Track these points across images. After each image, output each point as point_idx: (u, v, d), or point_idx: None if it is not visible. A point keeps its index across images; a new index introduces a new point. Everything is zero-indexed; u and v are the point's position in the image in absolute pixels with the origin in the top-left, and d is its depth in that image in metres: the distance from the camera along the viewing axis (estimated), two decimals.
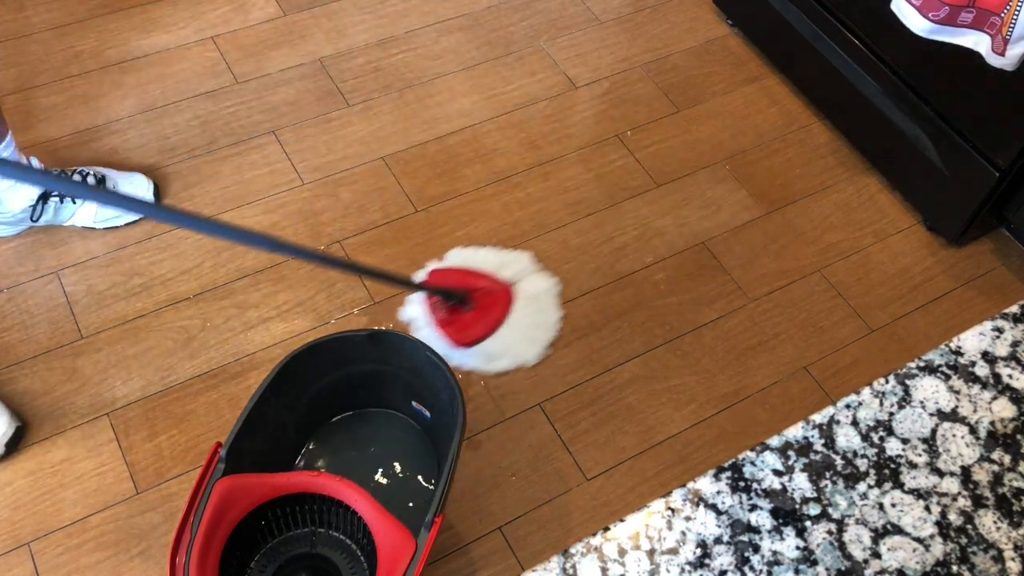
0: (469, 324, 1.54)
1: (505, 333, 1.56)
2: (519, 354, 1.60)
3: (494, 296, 1.57)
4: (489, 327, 1.55)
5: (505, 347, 1.58)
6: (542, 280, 1.69)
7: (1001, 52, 1.41)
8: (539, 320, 1.63)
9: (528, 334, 1.61)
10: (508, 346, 1.58)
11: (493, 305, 1.57)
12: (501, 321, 1.55)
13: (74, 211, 1.68)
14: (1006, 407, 0.69)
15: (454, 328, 1.54)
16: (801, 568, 0.61)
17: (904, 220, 1.86)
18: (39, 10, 2.06)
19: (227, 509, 1.14)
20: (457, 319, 1.55)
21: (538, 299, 1.65)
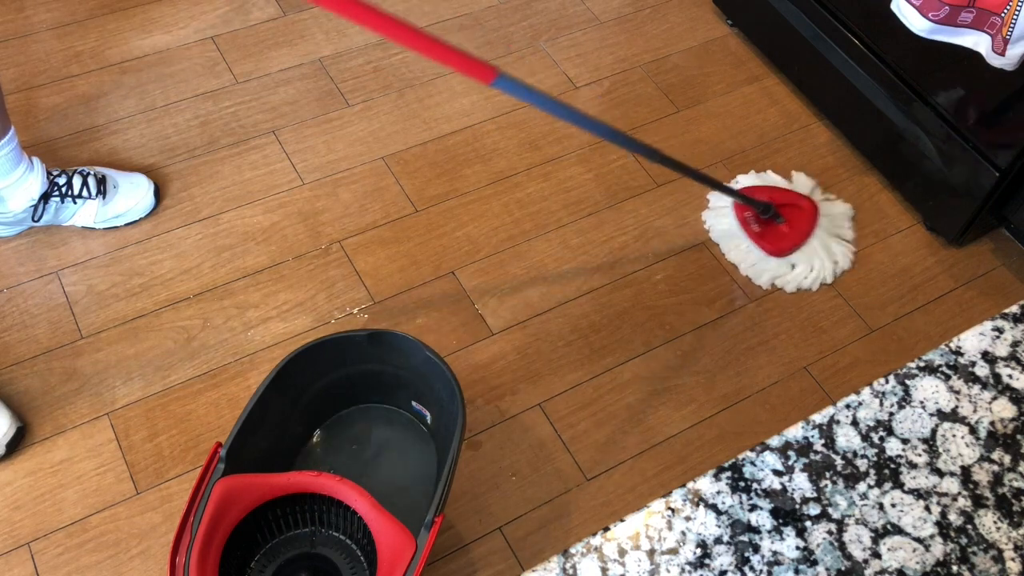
0: (782, 235, 1.71)
1: (812, 247, 1.72)
2: (821, 270, 1.72)
3: (801, 210, 1.74)
4: (800, 238, 1.71)
5: (809, 261, 1.72)
6: (839, 204, 1.83)
7: (1001, 52, 1.41)
8: (843, 238, 1.77)
9: (830, 251, 1.74)
10: (811, 261, 1.72)
11: (801, 218, 1.73)
12: (810, 232, 1.71)
13: (75, 211, 1.68)
14: (1006, 407, 0.69)
15: (769, 239, 1.71)
16: (801, 568, 0.61)
17: (904, 220, 1.86)
18: (39, 10, 2.06)
19: (227, 509, 1.14)
20: (770, 230, 1.71)
21: (837, 219, 1.79)
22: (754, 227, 1.72)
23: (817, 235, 1.73)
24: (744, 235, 1.73)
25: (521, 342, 1.64)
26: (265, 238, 1.74)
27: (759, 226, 1.72)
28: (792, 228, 1.72)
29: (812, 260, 1.71)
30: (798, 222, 1.73)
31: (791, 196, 1.76)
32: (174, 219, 1.76)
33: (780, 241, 1.71)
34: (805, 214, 1.74)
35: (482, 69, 1.10)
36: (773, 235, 1.72)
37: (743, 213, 1.73)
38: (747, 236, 1.73)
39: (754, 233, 1.71)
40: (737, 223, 1.74)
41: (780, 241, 1.71)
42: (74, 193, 1.66)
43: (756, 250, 1.72)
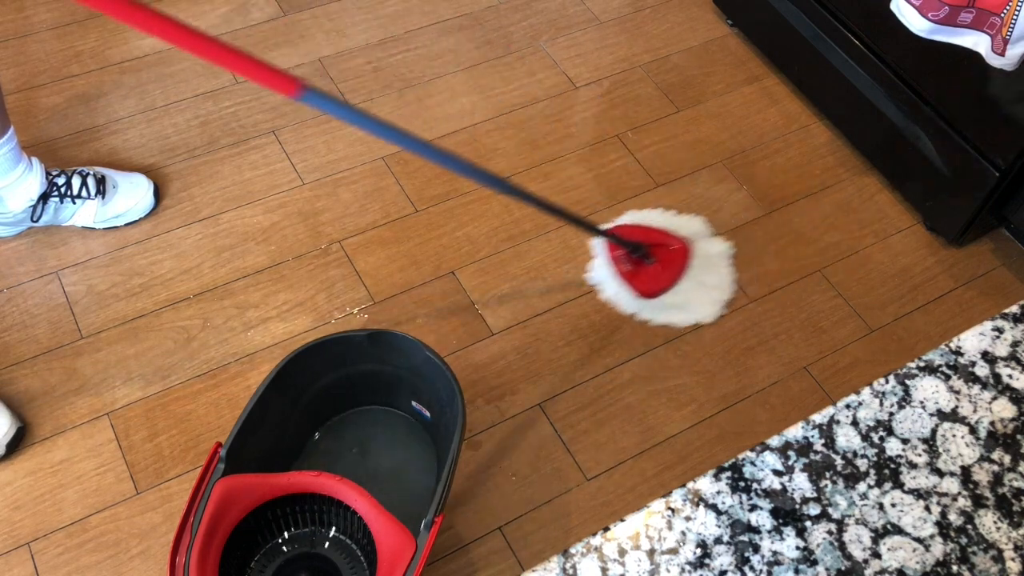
0: (653, 276, 1.65)
1: (685, 289, 1.66)
2: (698, 311, 1.68)
3: (674, 252, 1.68)
4: (671, 280, 1.66)
5: (685, 302, 1.67)
6: (717, 243, 1.77)
7: (1001, 52, 1.41)
8: (716, 280, 1.72)
9: (707, 293, 1.69)
10: (688, 302, 1.67)
11: (674, 260, 1.67)
12: (682, 275, 1.66)
13: (74, 211, 1.68)
14: (1006, 407, 0.69)
15: (638, 279, 1.65)
16: (801, 568, 0.61)
17: (904, 220, 1.86)
18: (39, 10, 2.06)
19: (227, 509, 1.14)
20: (641, 271, 1.66)
21: (713, 260, 1.74)
22: (624, 266, 1.66)
23: (690, 277, 1.67)
24: (614, 274, 1.67)
25: (521, 342, 1.64)
26: (265, 238, 1.74)
27: (630, 265, 1.66)
28: (664, 269, 1.66)
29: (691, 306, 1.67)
30: (671, 263, 1.67)
31: (666, 237, 1.70)
32: (174, 219, 1.76)
33: (649, 281, 1.65)
34: (678, 255, 1.68)
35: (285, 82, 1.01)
36: (643, 275, 1.65)
37: (614, 252, 1.67)
38: (617, 275, 1.66)
39: (624, 272, 1.66)
40: (608, 261, 1.68)
41: (649, 281, 1.65)
42: (73, 193, 1.66)
43: (626, 290, 1.66)
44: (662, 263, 1.66)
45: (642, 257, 1.65)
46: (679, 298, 1.66)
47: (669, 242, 1.69)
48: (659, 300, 1.65)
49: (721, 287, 1.71)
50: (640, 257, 1.64)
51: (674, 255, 1.68)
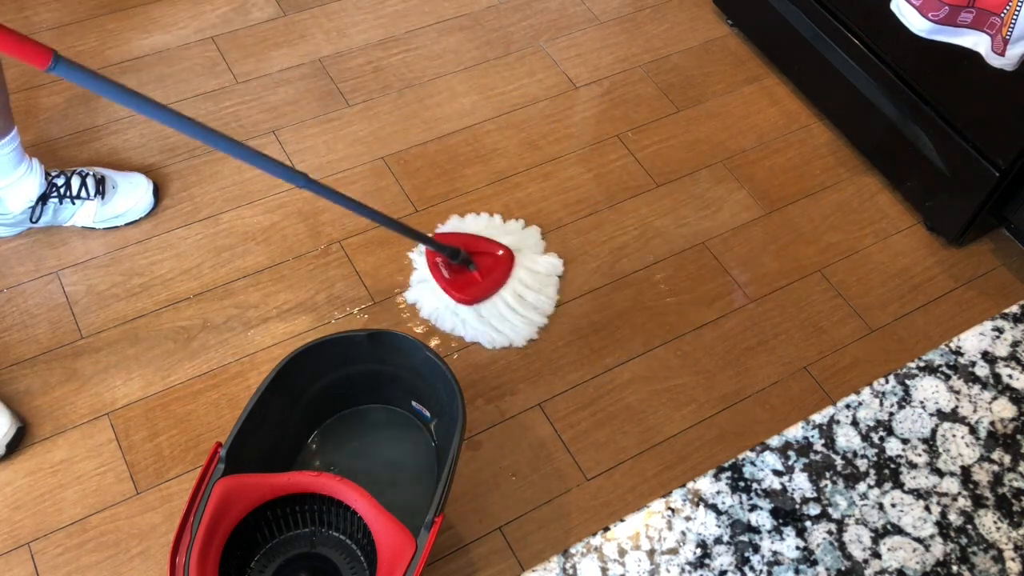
0: (471, 282, 1.63)
1: (504, 307, 1.63)
2: (512, 333, 1.63)
3: (496, 260, 1.66)
4: (490, 287, 1.63)
5: (502, 322, 1.63)
6: (549, 259, 1.72)
7: (1001, 52, 1.41)
8: (535, 300, 1.66)
9: (527, 314, 1.65)
10: (505, 322, 1.63)
11: (494, 268, 1.65)
12: (501, 284, 1.64)
13: (74, 211, 1.68)
14: (1006, 407, 0.69)
15: (456, 286, 1.62)
16: (801, 568, 0.61)
17: (904, 220, 1.86)
18: (39, 10, 2.06)
19: (227, 509, 1.14)
20: (459, 277, 1.63)
21: (540, 278, 1.69)
22: (444, 273, 1.63)
23: (510, 286, 1.65)
24: (433, 280, 1.64)
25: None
26: (265, 238, 1.74)
27: (449, 272, 1.63)
28: (484, 277, 1.63)
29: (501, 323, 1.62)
30: (491, 271, 1.64)
31: (489, 245, 1.67)
32: (174, 219, 1.76)
33: (466, 288, 1.62)
34: (500, 263, 1.65)
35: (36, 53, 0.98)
36: (461, 281, 1.63)
37: (434, 258, 1.64)
38: (436, 281, 1.63)
39: (443, 279, 1.62)
40: (427, 268, 1.65)
41: (466, 288, 1.62)
42: (73, 194, 1.66)
43: (444, 296, 1.63)
44: (482, 270, 1.64)
45: (463, 263, 1.62)
46: (496, 317, 1.62)
47: (491, 249, 1.66)
48: (479, 317, 1.62)
49: (541, 309, 1.66)
50: (460, 264, 1.62)
51: (495, 262, 1.65)
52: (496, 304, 1.64)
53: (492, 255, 1.67)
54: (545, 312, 1.66)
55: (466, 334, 1.63)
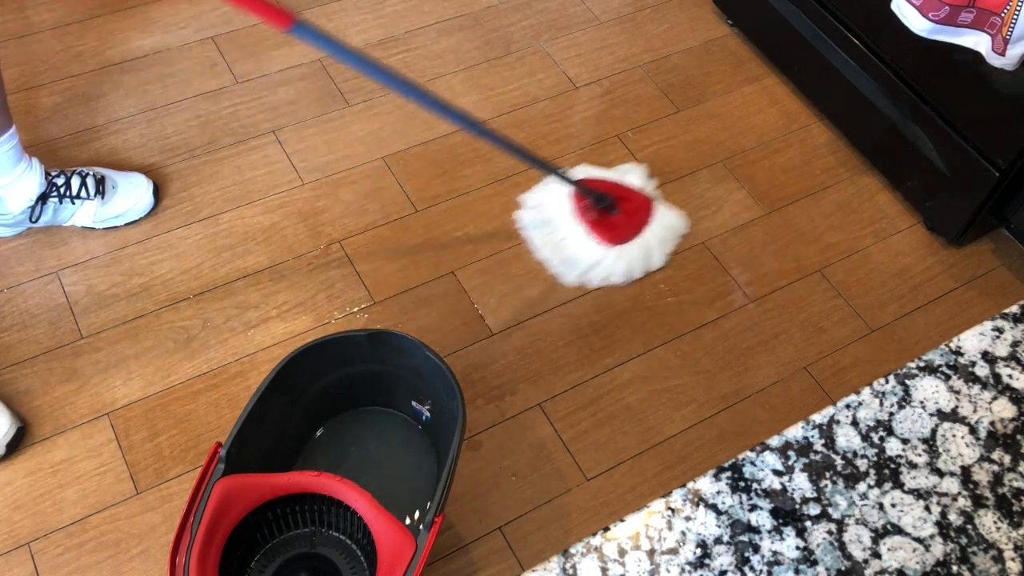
0: (617, 226, 1.71)
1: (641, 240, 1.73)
2: (649, 261, 1.74)
3: (637, 204, 1.75)
4: (636, 229, 1.72)
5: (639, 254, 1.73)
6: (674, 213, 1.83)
7: (1001, 52, 1.41)
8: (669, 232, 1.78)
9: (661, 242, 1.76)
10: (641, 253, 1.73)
11: (637, 211, 1.74)
12: (646, 225, 1.73)
13: (74, 211, 1.68)
14: (1006, 407, 0.69)
15: (603, 228, 1.70)
16: (801, 568, 0.61)
17: (904, 220, 1.86)
18: (39, 10, 2.06)
19: (227, 509, 1.14)
20: (606, 220, 1.71)
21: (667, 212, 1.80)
22: (590, 215, 1.70)
23: (646, 234, 1.74)
24: (577, 218, 1.71)
25: (521, 342, 1.64)
26: (265, 238, 1.74)
27: (595, 215, 1.71)
28: (627, 220, 1.72)
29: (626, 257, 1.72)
30: (633, 214, 1.74)
31: (630, 192, 1.76)
32: (174, 219, 1.76)
33: (614, 230, 1.71)
34: (641, 211, 1.75)
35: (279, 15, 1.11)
36: (608, 224, 1.71)
37: (580, 202, 1.72)
38: (581, 219, 1.70)
39: (590, 221, 1.70)
40: (574, 209, 1.72)
41: (614, 230, 1.71)
42: (73, 194, 1.66)
43: (586, 234, 1.70)
44: (627, 214, 1.72)
45: (607, 208, 1.70)
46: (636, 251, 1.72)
47: (632, 195, 1.75)
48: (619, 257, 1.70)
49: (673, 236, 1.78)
50: (605, 208, 1.70)
51: (638, 206, 1.75)
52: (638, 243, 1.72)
53: (633, 200, 1.75)
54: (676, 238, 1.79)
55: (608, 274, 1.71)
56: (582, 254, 1.70)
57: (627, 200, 1.74)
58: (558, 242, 1.72)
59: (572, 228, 1.71)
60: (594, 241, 1.69)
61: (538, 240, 1.74)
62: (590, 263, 1.69)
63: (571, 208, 1.72)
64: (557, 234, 1.72)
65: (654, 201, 1.77)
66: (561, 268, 1.71)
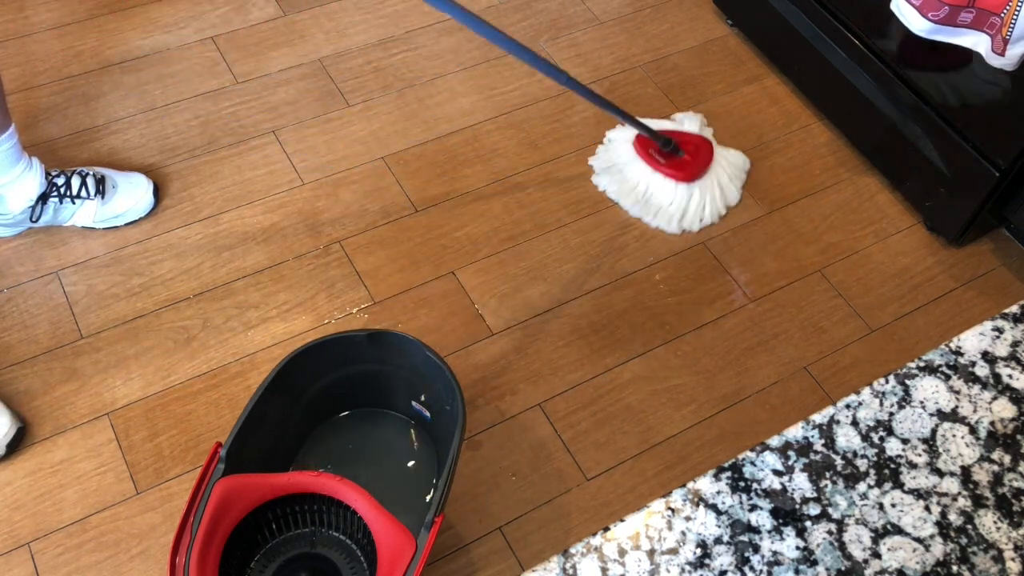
0: (686, 164, 1.82)
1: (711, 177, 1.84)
2: (727, 196, 1.84)
3: (698, 144, 1.86)
4: (703, 165, 1.83)
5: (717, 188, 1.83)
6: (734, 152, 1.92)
7: (1001, 52, 1.41)
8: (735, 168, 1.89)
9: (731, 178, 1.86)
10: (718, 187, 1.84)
11: (699, 150, 1.85)
12: (711, 161, 1.84)
13: (74, 211, 1.68)
14: (1006, 407, 0.69)
15: (673, 167, 1.81)
16: (801, 568, 0.61)
17: (904, 220, 1.86)
18: (39, 10, 2.06)
19: (227, 509, 1.14)
20: (673, 161, 1.82)
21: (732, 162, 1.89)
22: (657, 159, 1.81)
23: (715, 170, 1.84)
24: (648, 166, 1.82)
25: (521, 342, 1.64)
26: (265, 238, 1.74)
27: (662, 158, 1.81)
28: (693, 159, 1.82)
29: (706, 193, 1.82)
30: (697, 154, 1.84)
31: (685, 135, 1.87)
32: (174, 219, 1.76)
33: (684, 168, 1.81)
34: (703, 148, 1.85)
35: None
36: (677, 164, 1.81)
37: (647, 149, 1.83)
38: (652, 167, 1.82)
39: (659, 164, 1.81)
40: (639, 156, 1.84)
41: (684, 168, 1.81)
42: (73, 193, 1.66)
43: (662, 178, 1.81)
44: (691, 154, 1.82)
45: (672, 151, 1.80)
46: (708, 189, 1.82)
47: (690, 137, 1.86)
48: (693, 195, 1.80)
49: (741, 171, 1.89)
50: (671, 151, 1.80)
51: (700, 145, 1.85)
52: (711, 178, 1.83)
53: (692, 141, 1.85)
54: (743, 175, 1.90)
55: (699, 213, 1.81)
56: (665, 198, 1.80)
57: (687, 142, 1.84)
58: (641, 194, 1.82)
59: (648, 175, 1.82)
60: (671, 182, 1.80)
61: (624, 200, 1.83)
62: (679, 206, 1.80)
63: (638, 157, 1.83)
64: (639, 187, 1.82)
65: (712, 142, 1.87)
66: (656, 221, 1.80)
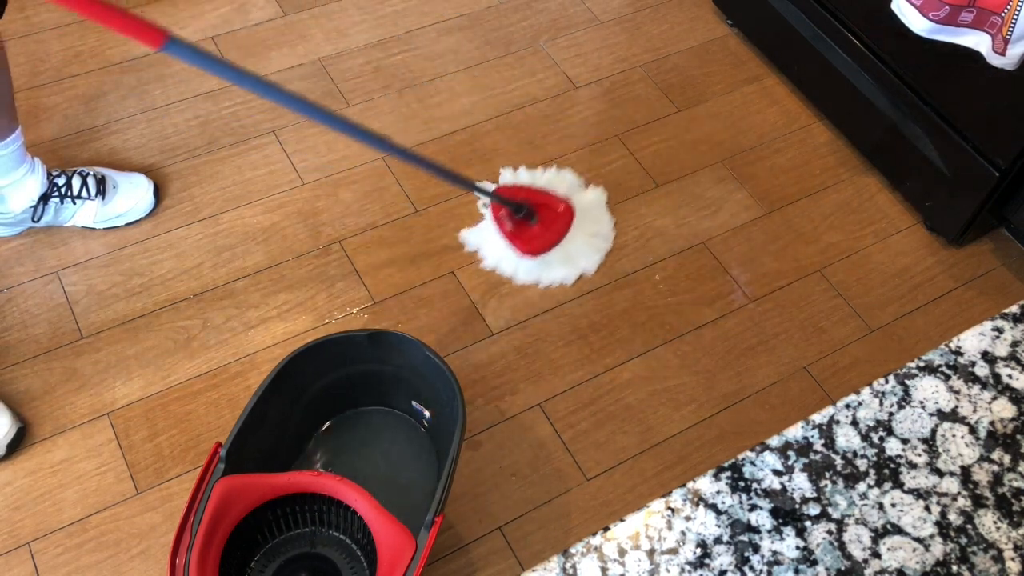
0: (536, 235, 1.66)
1: (567, 244, 1.68)
2: (581, 264, 1.72)
3: (556, 210, 1.68)
4: (555, 238, 1.66)
5: (567, 257, 1.70)
6: (590, 192, 1.80)
7: (1001, 52, 1.41)
8: (596, 230, 1.75)
9: (589, 243, 1.73)
10: (571, 255, 1.70)
11: (556, 219, 1.67)
12: (565, 233, 1.67)
13: (75, 211, 1.68)
14: (1006, 407, 0.69)
15: (522, 239, 1.65)
16: (801, 568, 0.61)
17: (904, 220, 1.86)
18: (39, 10, 2.06)
19: (227, 509, 1.14)
20: (524, 231, 1.66)
21: (590, 210, 1.76)
22: (507, 226, 1.66)
23: (573, 235, 1.68)
24: (498, 234, 1.67)
25: (521, 342, 1.64)
26: (265, 238, 1.74)
27: (512, 225, 1.66)
28: (545, 229, 1.66)
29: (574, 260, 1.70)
30: (552, 223, 1.67)
31: (546, 197, 1.70)
32: (174, 219, 1.76)
33: (533, 240, 1.65)
34: (560, 216, 1.68)
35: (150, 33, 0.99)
36: (527, 235, 1.66)
37: (498, 212, 1.67)
38: (501, 235, 1.66)
39: (507, 232, 1.65)
40: (491, 221, 1.68)
41: (533, 240, 1.65)
42: (74, 194, 1.66)
43: (509, 249, 1.66)
44: (544, 223, 1.66)
45: (525, 217, 1.64)
46: (561, 253, 1.68)
47: (552, 203, 1.69)
48: (542, 259, 1.67)
49: (602, 235, 1.75)
50: (523, 217, 1.64)
51: (557, 216, 1.68)
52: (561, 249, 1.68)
53: (552, 208, 1.68)
54: (608, 237, 1.76)
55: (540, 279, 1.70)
56: (506, 265, 1.69)
57: (546, 208, 1.67)
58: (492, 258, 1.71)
59: (495, 239, 1.68)
60: (513, 251, 1.65)
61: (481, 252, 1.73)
62: (514, 272, 1.69)
63: (491, 218, 1.68)
64: (489, 249, 1.71)
65: (571, 204, 1.69)
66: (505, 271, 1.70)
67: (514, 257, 1.66)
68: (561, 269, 1.70)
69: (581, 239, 1.70)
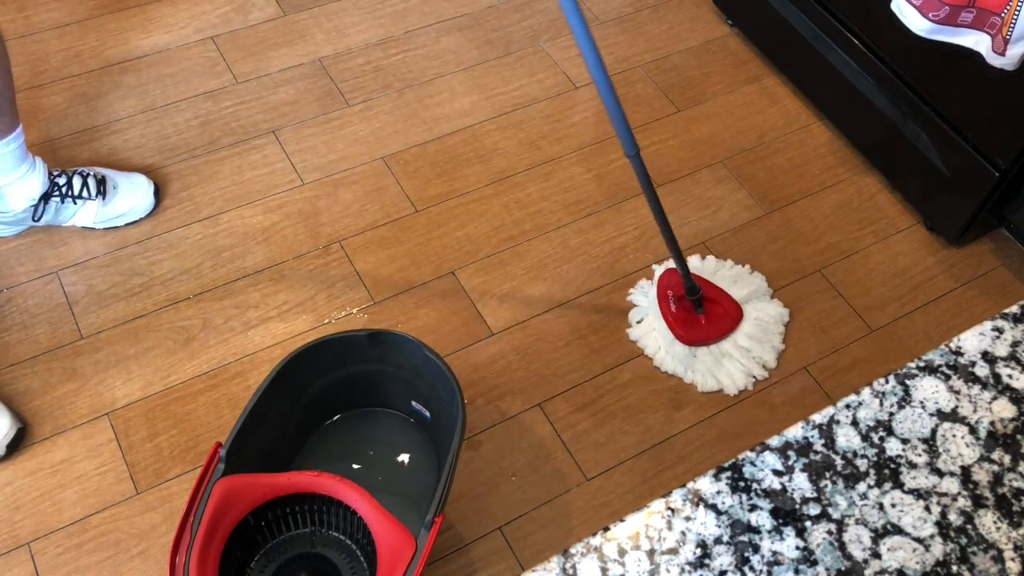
0: (696, 325, 1.61)
1: (721, 347, 1.62)
2: (723, 381, 1.61)
3: (725, 310, 1.64)
4: (712, 336, 1.61)
5: (716, 364, 1.61)
6: (774, 306, 1.69)
7: (1001, 52, 1.41)
8: (760, 353, 1.63)
9: (741, 362, 1.62)
10: (719, 364, 1.61)
11: (722, 318, 1.63)
12: (724, 336, 1.62)
13: (75, 211, 1.68)
14: (1006, 407, 0.69)
15: (681, 323, 1.60)
16: (801, 568, 0.61)
17: (904, 220, 1.86)
18: (39, 10, 2.06)
19: (227, 509, 1.14)
20: (686, 316, 1.62)
21: (765, 324, 1.66)
22: (673, 307, 1.62)
23: (731, 340, 1.63)
24: (659, 310, 1.63)
25: (521, 342, 1.64)
26: (265, 238, 1.74)
27: (677, 308, 1.62)
28: (708, 323, 1.62)
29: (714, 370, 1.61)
30: (716, 320, 1.62)
31: (721, 294, 1.66)
32: (174, 219, 1.76)
33: (692, 328, 1.61)
34: (727, 318, 1.63)
35: None
36: (688, 321, 1.61)
37: (666, 290, 1.63)
38: (662, 312, 1.62)
39: (670, 312, 1.61)
40: (657, 295, 1.64)
41: (692, 328, 1.61)
42: (74, 193, 1.66)
43: (666, 329, 1.61)
44: (709, 317, 1.62)
45: (694, 304, 1.61)
46: (711, 359, 1.61)
47: (723, 300, 1.65)
48: (693, 356, 1.60)
49: (760, 360, 1.63)
50: (692, 302, 1.61)
51: (724, 315, 1.63)
52: (713, 350, 1.61)
53: (722, 305, 1.64)
54: (767, 364, 1.63)
55: (675, 369, 1.62)
56: (652, 342, 1.63)
57: (716, 303, 1.63)
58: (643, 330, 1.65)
59: (655, 315, 1.63)
60: (668, 332, 1.61)
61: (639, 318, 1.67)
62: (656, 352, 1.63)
63: (656, 292, 1.64)
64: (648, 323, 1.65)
65: (742, 311, 1.64)
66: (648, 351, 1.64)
67: (667, 338, 1.61)
68: (701, 376, 1.60)
69: (738, 353, 1.62)
